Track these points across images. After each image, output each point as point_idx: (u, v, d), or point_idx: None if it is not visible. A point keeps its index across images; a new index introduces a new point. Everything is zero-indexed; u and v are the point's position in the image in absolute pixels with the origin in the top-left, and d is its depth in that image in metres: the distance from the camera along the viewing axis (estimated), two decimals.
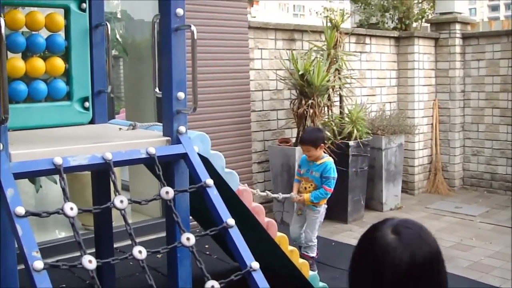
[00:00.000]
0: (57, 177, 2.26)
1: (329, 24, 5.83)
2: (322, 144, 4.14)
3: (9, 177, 2.02)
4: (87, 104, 3.13)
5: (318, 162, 4.12)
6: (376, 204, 6.38)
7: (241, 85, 5.53)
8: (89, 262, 1.95)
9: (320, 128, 4.27)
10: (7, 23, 2.79)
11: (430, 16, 7.71)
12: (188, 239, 2.23)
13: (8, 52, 2.85)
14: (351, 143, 5.77)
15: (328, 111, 5.92)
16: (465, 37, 7.41)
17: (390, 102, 7.26)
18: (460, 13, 7.47)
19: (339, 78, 5.92)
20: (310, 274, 3.39)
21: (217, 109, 5.35)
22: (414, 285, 1.30)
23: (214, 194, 2.42)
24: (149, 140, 2.53)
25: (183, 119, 2.57)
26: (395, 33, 7.21)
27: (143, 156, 2.39)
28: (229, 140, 5.46)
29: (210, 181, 2.43)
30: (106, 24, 3.11)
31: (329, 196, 4.12)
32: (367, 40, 6.88)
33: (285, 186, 5.59)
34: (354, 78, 6.13)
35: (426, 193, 7.39)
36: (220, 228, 2.34)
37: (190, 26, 2.45)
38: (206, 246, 4.59)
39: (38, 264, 1.84)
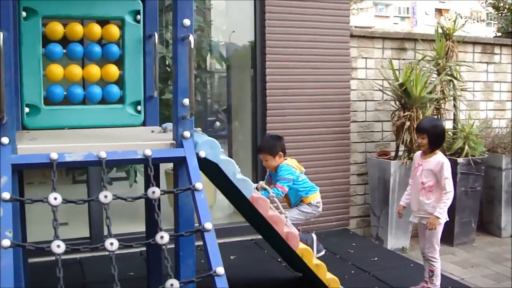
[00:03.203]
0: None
1: (440, 31, 5.48)
2: (281, 153, 3.86)
3: (7, 167, 2.33)
4: (139, 107, 3.41)
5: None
6: (493, 229, 5.85)
7: (341, 95, 5.45)
8: (57, 247, 2.16)
9: (279, 136, 3.96)
10: (67, 34, 3.19)
11: None
12: (162, 237, 2.35)
13: (68, 60, 3.27)
14: (460, 160, 5.37)
15: None
16: None
17: None
18: None
19: (453, 90, 5.52)
20: None
21: (314, 118, 5.34)
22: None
23: (201, 198, 2.50)
24: (154, 142, 2.70)
25: (188, 124, 2.69)
26: None
27: (139, 157, 2.56)
28: (326, 149, 5.41)
29: (199, 185, 2.51)
30: (154, 34, 3.36)
31: (282, 195, 3.76)
32: (496, 49, 6.29)
33: (381, 200, 5.40)
34: (468, 91, 5.68)
35: None
36: (196, 230, 2.42)
37: (189, 36, 2.56)
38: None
39: (5, 242, 2.10)
